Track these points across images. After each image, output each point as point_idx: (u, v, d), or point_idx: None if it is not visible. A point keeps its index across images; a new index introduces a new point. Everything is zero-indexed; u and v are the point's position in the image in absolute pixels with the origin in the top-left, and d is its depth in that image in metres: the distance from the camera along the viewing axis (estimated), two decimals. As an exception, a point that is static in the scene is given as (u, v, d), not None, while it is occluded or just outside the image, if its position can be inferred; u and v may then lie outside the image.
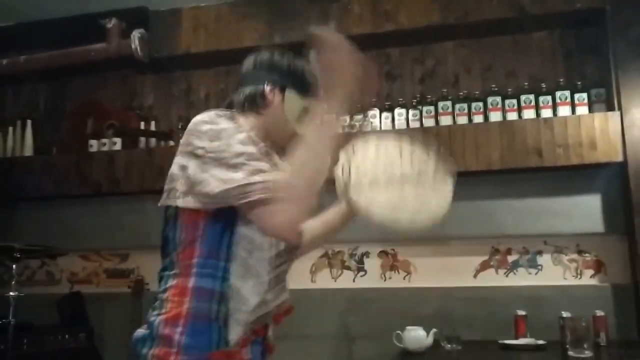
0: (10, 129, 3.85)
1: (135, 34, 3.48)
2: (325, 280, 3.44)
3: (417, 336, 2.89)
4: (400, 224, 1.50)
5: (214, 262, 1.25)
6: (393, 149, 1.61)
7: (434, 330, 2.91)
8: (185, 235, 1.27)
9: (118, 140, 3.62)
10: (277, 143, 1.42)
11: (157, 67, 3.71)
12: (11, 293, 2.95)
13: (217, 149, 1.22)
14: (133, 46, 3.46)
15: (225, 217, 1.25)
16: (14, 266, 3.04)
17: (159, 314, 1.25)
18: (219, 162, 1.21)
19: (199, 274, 1.24)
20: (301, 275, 3.45)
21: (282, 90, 1.44)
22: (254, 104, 1.43)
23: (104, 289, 3.75)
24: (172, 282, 1.27)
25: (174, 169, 1.33)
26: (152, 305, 1.31)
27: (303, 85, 1.45)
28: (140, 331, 1.29)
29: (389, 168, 1.57)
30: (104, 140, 3.64)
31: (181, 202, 1.28)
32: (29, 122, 3.86)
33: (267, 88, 1.44)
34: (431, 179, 1.60)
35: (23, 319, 3.10)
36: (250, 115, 1.42)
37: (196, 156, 1.25)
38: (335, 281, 3.43)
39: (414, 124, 3.25)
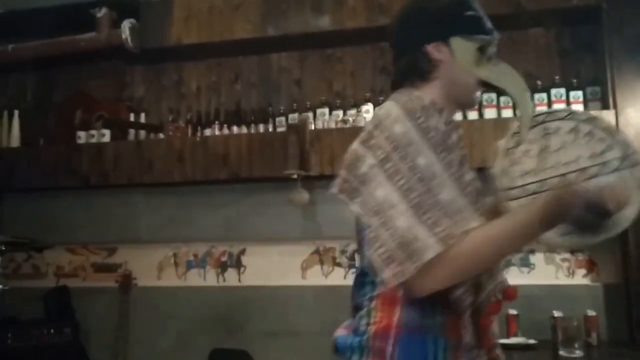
0: (-3, 119, 3.79)
1: (126, 24, 3.42)
2: (316, 277, 3.41)
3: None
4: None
5: None
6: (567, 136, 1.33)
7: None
8: None
9: (107, 132, 3.56)
10: (461, 100, 1.30)
11: (148, 58, 3.65)
12: (-4, 286, 2.91)
13: (400, 168, 1.10)
14: (124, 36, 3.40)
15: None
16: (-1, 259, 2.99)
17: (368, 324, 1.21)
18: (394, 184, 1.10)
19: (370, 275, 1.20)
20: (292, 272, 3.41)
21: (446, 42, 1.26)
22: (421, 73, 1.26)
23: (91, 283, 3.70)
24: (378, 290, 1.21)
25: (352, 157, 1.19)
26: (356, 310, 1.26)
27: (466, 24, 1.28)
28: (344, 334, 1.26)
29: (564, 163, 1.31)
30: (93, 132, 3.59)
31: (355, 207, 1.17)
32: (16, 112, 3.80)
33: (428, 49, 1.26)
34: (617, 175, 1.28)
35: (8, 312, 3.06)
36: (423, 87, 1.26)
37: (375, 156, 1.14)
38: (326, 278, 3.40)
39: (408, 120, 3.22)
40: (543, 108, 3.07)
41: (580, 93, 3.07)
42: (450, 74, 1.26)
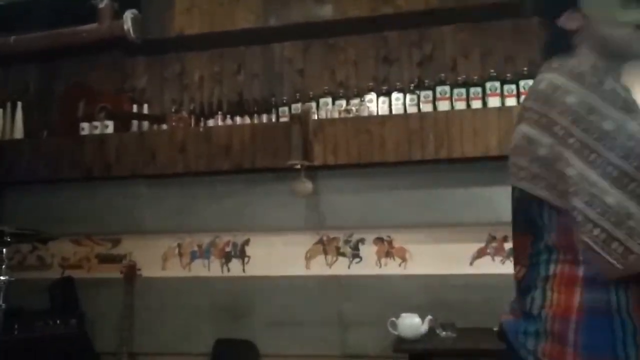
0: (0, 111, 3.78)
1: (128, 15, 3.41)
2: (320, 267, 3.41)
3: (412, 323, 2.87)
4: None
5: None
6: None
7: (429, 317, 2.90)
8: (561, 218, 1.07)
9: (110, 124, 3.56)
10: (625, 53, 1.15)
11: (150, 49, 3.64)
12: (1, 277, 2.91)
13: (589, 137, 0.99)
14: (125, 27, 3.39)
15: None
16: (4, 250, 3.00)
17: (542, 307, 1.09)
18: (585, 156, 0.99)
19: (585, 260, 1.06)
20: (295, 262, 3.42)
21: (577, 8, 1.15)
22: (567, 48, 1.16)
23: (96, 274, 3.71)
24: (553, 269, 1.10)
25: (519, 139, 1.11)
26: (525, 293, 1.14)
27: None
28: (511, 319, 1.15)
29: None
30: (96, 124, 3.59)
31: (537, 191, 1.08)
32: (19, 104, 3.80)
33: (565, 21, 1.16)
34: None
35: (13, 303, 3.07)
36: (575, 55, 1.15)
37: (552, 134, 1.03)
38: (330, 268, 3.40)
39: (412, 109, 3.21)
40: None
41: None
42: (596, 36, 1.14)
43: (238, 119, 3.44)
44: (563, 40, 1.17)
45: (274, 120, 3.40)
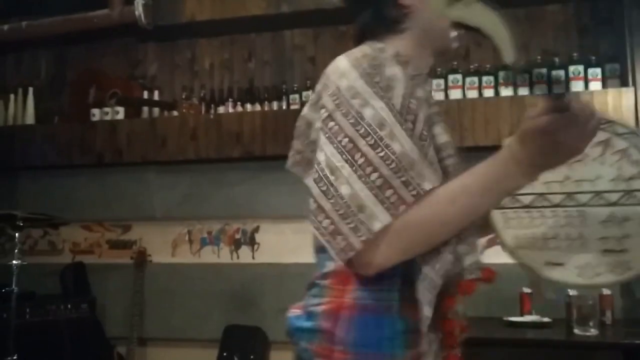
0: (12, 96, 3.80)
1: (139, 1, 3.39)
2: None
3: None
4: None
5: None
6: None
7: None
8: None
9: (121, 110, 3.56)
10: (437, 47, 1.15)
11: (161, 35, 3.63)
12: (14, 261, 2.94)
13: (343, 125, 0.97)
14: (137, 13, 3.38)
15: None
16: (16, 235, 3.03)
17: (319, 304, 1.07)
18: (336, 144, 0.97)
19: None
20: (305, 249, 3.40)
21: None
22: (389, 23, 1.11)
23: (106, 259, 3.73)
24: (330, 266, 1.07)
25: (300, 121, 1.10)
26: (310, 289, 1.13)
27: None
28: (296, 314, 1.11)
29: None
30: (107, 110, 3.60)
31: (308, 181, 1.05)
32: (30, 89, 3.81)
33: None
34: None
35: (25, 287, 3.10)
36: (390, 39, 1.10)
37: (320, 117, 1.02)
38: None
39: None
40: (561, 86, 3.02)
41: (598, 70, 3.01)
42: (423, 20, 1.11)
43: (249, 106, 3.43)
44: (392, 14, 1.11)
45: (284, 107, 3.39)
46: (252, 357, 3.28)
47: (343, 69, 1.02)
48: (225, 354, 3.33)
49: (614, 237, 1.01)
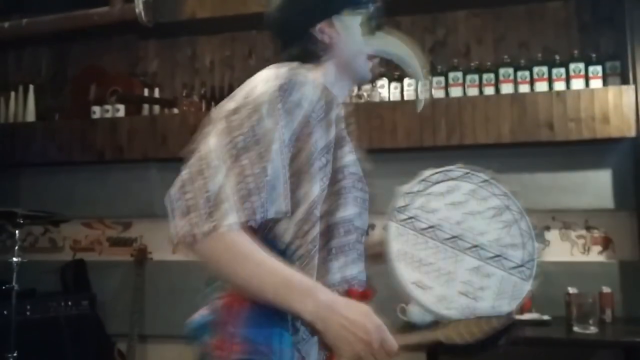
0: (13, 94, 3.80)
1: (140, -2, 3.40)
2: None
3: (422, 310, 2.87)
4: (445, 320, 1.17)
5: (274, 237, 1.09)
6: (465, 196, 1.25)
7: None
8: None
9: (121, 107, 3.56)
10: (355, 76, 1.28)
11: (162, 32, 3.63)
12: (14, 259, 2.94)
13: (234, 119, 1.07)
14: (137, 10, 3.38)
15: None
16: (17, 232, 3.02)
17: (218, 298, 1.12)
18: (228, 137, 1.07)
19: None
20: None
21: (332, 20, 1.23)
22: (313, 57, 1.23)
23: (107, 257, 3.74)
24: None
25: None
26: (210, 283, 1.18)
27: None
28: (201, 314, 1.16)
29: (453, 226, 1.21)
30: (107, 107, 3.59)
31: None
32: (31, 87, 3.81)
33: (317, 31, 1.22)
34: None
35: (26, 285, 3.10)
36: (314, 69, 1.21)
37: (228, 107, 1.11)
38: (339, 253, 3.40)
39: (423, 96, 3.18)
40: (561, 83, 3.02)
41: (599, 68, 3.01)
42: (342, 52, 1.24)
43: (249, 104, 3.43)
44: (314, 49, 1.23)
45: (284, 105, 3.38)
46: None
47: (264, 78, 1.12)
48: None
49: (473, 286, 1.17)
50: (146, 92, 3.66)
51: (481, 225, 1.22)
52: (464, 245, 1.19)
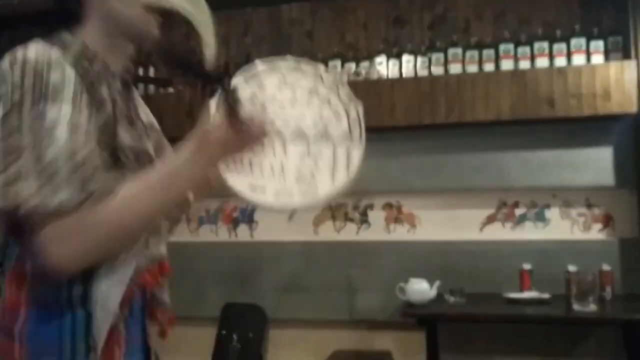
0: (5, 74, 3.75)
1: (132, -25, 3.33)
2: (328, 233, 3.39)
3: (420, 288, 2.86)
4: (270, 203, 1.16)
5: None
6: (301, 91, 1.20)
7: (438, 282, 2.89)
8: None
9: (116, 87, 3.51)
10: (132, 35, 1.10)
11: (156, 10, 3.57)
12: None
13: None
14: (130, -12, 3.32)
15: None
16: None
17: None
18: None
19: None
20: (304, 228, 3.40)
21: None
22: (70, 14, 1.09)
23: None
24: (12, 262, 1.02)
25: None
26: None
27: None
28: None
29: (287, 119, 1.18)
30: (102, 87, 3.54)
31: None
32: (24, 67, 3.75)
33: None
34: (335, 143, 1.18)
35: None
36: (82, 30, 1.07)
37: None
38: (338, 233, 3.39)
39: (423, 72, 3.14)
40: (562, 59, 2.97)
41: (601, 43, 2.96)
42: (105, 8, 1.05)
43: (245, 83, 3.38)
44: (69, 5, 1.09)
45: (281, 83, 3.34)
46: (250, 334, 3.29)
47: (41, 55, 1.02)
48: (224, 331, 3.33)
49: (308, 169, 1.14)
50: (141, 71, 3.61)
51: (299, 110, 1.18)
52: (288, 136, 1.16)
